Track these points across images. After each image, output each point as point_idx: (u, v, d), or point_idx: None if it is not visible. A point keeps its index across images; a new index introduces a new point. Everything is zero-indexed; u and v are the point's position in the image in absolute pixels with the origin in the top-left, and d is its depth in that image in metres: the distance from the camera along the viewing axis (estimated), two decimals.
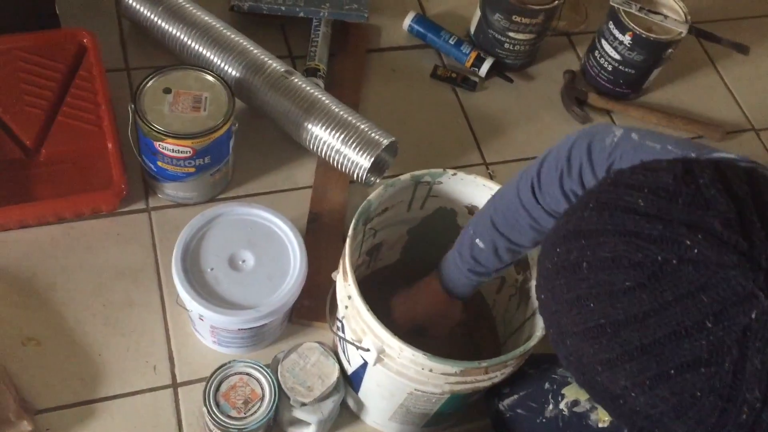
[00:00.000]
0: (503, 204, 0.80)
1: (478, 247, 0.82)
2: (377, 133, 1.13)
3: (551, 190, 0.74)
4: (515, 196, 0.77)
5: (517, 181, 0.78)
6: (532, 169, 0.76)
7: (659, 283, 0.43)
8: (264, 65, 1.16)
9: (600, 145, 0.69)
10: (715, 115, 1.42)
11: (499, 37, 1.33)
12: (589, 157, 0.70)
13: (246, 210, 0.99)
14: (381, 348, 0.79)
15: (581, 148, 0.71)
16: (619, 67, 1.34)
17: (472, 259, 0.83)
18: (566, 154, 0.72)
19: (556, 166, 0.73)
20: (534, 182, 0.75)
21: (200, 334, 1.00)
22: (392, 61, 1.37)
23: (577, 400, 0.85)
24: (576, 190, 0.72)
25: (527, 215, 0.77)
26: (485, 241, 0.81)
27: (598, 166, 0.69)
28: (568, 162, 0.72)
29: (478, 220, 0.83)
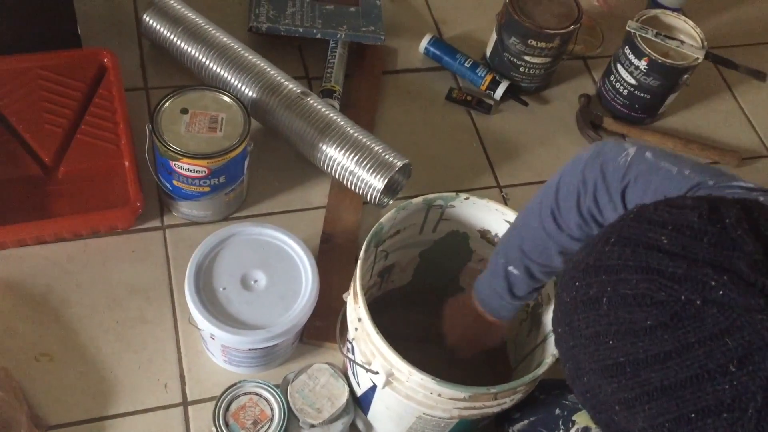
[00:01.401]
0: (529, 234, 0.80)
1: (513, 275, 0.82)
2: (391, 155, 1.13)
3: (571, 216, 0.74)
4: (539, 226, 0.77)
5: (539, 210, 0.77)
6: (550, 197, 0.76)
7: (682, 324, 0.43)
8: (280, 86, 1.18)
9: (613, 165, 0.69)
10: (731, 141, 1.41)
11: (514, 61, 1.34)
12: (603, 177, 0.70)
13: (259, 230, 0.99)
14: (390, 371, 0.79)
15: (594, 168, 0.71)
16: (635, 92, 1.34)
17: (509, 285, 0.83)
18: (580, 176, 0.72)
19: (573, 190, 0.73)
20: (554, 210, 0.75)
21: (211, 353, 1.01)
22: (408, 83, 1.38)
23: (588, 427, 0.85)
24: (592, 209, 0.71)
25: (553, 243, 0.77)
26: (518, 268, 0.82)
27: (612, 186, 0.69)
28: (583, 184, 0.72)
29: (507, 249, 0.83)
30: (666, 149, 0.70)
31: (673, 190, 0.64)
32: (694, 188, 0.63)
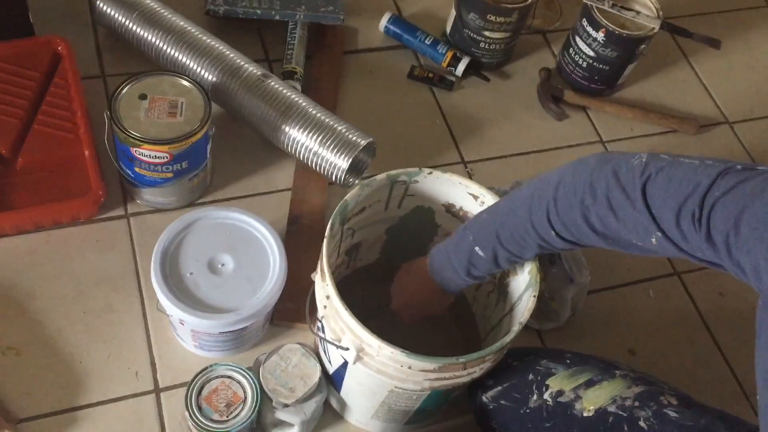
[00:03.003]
0: (512, 221, 0.79)
1: (477, 255, 0.82)
2: (355, 135, 1.13)
3: (570, 215, 0.73)
4: (527, 217, 0.77)
5: (530, 203, 0.77)
6: (547, 193, 0.75)
7: None
8: (240, 69, 1.16)
9: (626, 166, 0.69)
10: (689, 109, 1.44)
11: (474, 37, 1.34)
12: (617, 180, 0.69)
13: (224, 214, 0.99)
14: (360, 346, 0.80)
15: (605, 173, 0.70)
16: (594, 64, 1.35)
17: (469, 263, 0.84)
18: (587, 181, 0.71)
19: (575, 192, 0.72)
20: (550, 207, 0.75)
21: (182, 339, 1.01)
22: (369, 62, 1.38)
23: (561, 390, 0.86)
24: (603, 213, 0.70)
25: (537, 236, 0.77)
26: (486, 250, 0.82)
27: (629, 184, 0.68)
28: (591, 189, 0.71)
29: (480, 229, 0.83)
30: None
31: (701, 177, 0.64)
32: (722, 173, 0.63)
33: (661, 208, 0.66)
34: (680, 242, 0.67)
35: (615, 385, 0.85)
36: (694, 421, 0.82)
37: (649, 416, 0.82)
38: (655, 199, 0.67)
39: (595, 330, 1.14)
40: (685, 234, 0.65)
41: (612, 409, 0.83)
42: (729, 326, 1.19)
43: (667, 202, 0.66)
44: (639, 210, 0.68)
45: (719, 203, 0.62)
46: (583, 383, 0.86)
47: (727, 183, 0.63)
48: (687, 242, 0.66)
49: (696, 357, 1.16)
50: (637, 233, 0.69)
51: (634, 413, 0.82)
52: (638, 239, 0.70)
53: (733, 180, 0.63)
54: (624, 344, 1.14)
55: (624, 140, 1.36)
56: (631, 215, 0.68)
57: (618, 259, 1.21)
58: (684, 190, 0.65)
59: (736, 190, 0.62)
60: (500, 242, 0.80)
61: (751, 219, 0.60)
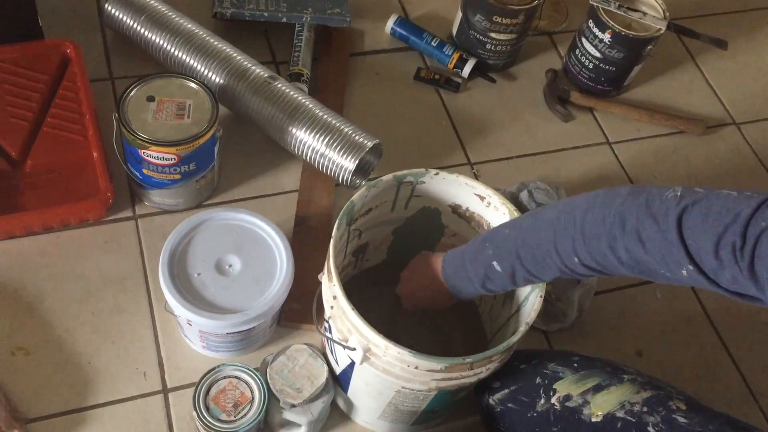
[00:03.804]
0: (535, 242, 0.78)
1: (494, 269, 0.82)
2: (361, 136, 1.13)
3: (597, 245, 0.72)
4: (551, 240, 0.76)
5: (556, 227, 0.76)
6: (575, 222, 0.74)
7: None
8: (247, 71, 1.17)
9: (659, 199, 0.68)
10: (696, 110, 1.43)
11: (480, 38, 1.35)
12: (648, 212, 0.68)
13: (232, 215, 0.99)
14: (367, 346, 0.80)
15: (637, 204, 0.70)
16: (600, 65, 1.35)
17: (485, 276, 0.83)
18: (618, 211, 0.71)
19: (603, 222, 0.71)
20: (576, 234, 0.74)
21: (189, 340, 1.01)
22: (375, 64, 1.38)
23: (569, 395, 0.86)
24: (631, 245, 0.70)
25: (560, 261, 0.76)
26: (504, 266, 0.81)
27: (661, 218, 0.67)
28: (621, 220, 0.70)
29: (500, 245, 0.82)
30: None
31: (741, 206, 0.63)
32: (764, 201, 0.63)
33: (698, 239, 0.65)
34: (715, 274, 0.65)
35: (623, 390, 0.85)
36: (702, 426, 0.81)
37: (658, 422, 0.82)
38: (691, 230, 0.65)
39: (602, 331, 1.14)
40: (724, 265, 0.63)
41: (620, 414, 0.83)
42: (737, 327, 1.18)
43: (706, 233, 0.64)
44: (671, 242, 0.66)
45: (766, 233, 0.61)
46: (590, 388, 0.86)
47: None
48: (722, 274, 0.64)
49: (703, 358, 1.15)
50: (667, 265, 0.68)
51: (642, 419, 0.82)
52: (667, 271, 0.69)
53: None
54: (631, 345, 1.14)
55: (630, 141, 1.36)
56: (662, 247, 0.67)
57: None
58: (724, 220, 0.63)
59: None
60: (520, 260, 0.79)
61: None
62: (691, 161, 1.36)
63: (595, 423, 0.83)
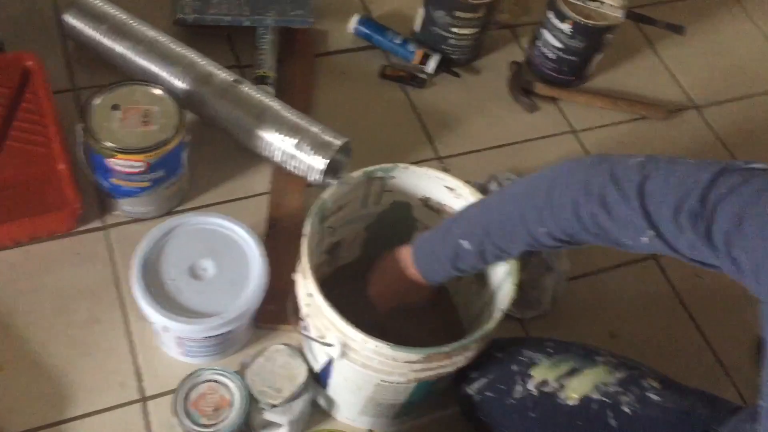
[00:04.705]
0: (502, 216, 0.80)
1: (463, 248, 0.82)
2: (330, 135, 1.14)
3: (563, 213, 0.74)
4: (518, 214, 0.77)
5: (523, 201, 0.77)
6: (540, 193, 0.76)
7: None
8: (212, 76, 1.17)
9: (622, 167, 0.70)
10: (657, 95, 1.46)
11: (443, 34, 1.36)
12: (612, 179, 0.70)
13: (203, 219, 0.99)
14: (344, 342, 0.80)
15: (600, 173, 0.71)
16: (562, 55, 1.37)
17: (455, 256, 0.84)
18: (582, 179, 0.72)
19: (569, 190, 0.73)
20: (542, 204, 0.75)
21: (166, 347, 1.01)
22: (341, 64, 1.39)
23: (545, 380, 0.87)
24: (595, 211, 0.71)
25: (527, 233, 0.77)
26: (473, 243, 0.82)
27: (625, 184, 0.69)
28: (585, 187, 0.71)
29: (467, 223, 0.83)
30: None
31: (701, 174, 0.65)
32: (723, 171, 0.64)
33: (658, 205, 0.67)
34: (674, 240, 0.67)
35: (597, 372, 0.86)
36: (675, 403, 0.83)
37: (632, 401, 0.83)
38: (652, 196, 0.67)
39: (577, 316, 1.16)
40: (683, 230, 0.65)
41: (596, 396, 0.85)
42: (706, 306, 1.21)
43: (666, 199, 0.66)
44: (633, 208, 0.68)
45: (723, 201, 0.63)
46: (566, 372, 0.87)
47: (729, 181, 0.63)
48: (682, 240, 0.66)
49: (675, 336, 1.18)
50: (628, 232, 0.70)
51: (617, 399, 0.84)
52: (629, 238, 0.70)
53: (735, 178, 0.63)
54: (605, 328, 1.16)
55: (595, 129, 1.38)
56: (624, 213, 0.69)
57: (595, 246, 1.22)
58: (683, 187, 0.65)
59: (740, 188, 0.62)
60: (488, 236, 0.80)
61: (756, 218, 0.60)
62: (655, 146, 1.39)
63: (572, 406, 0.85)
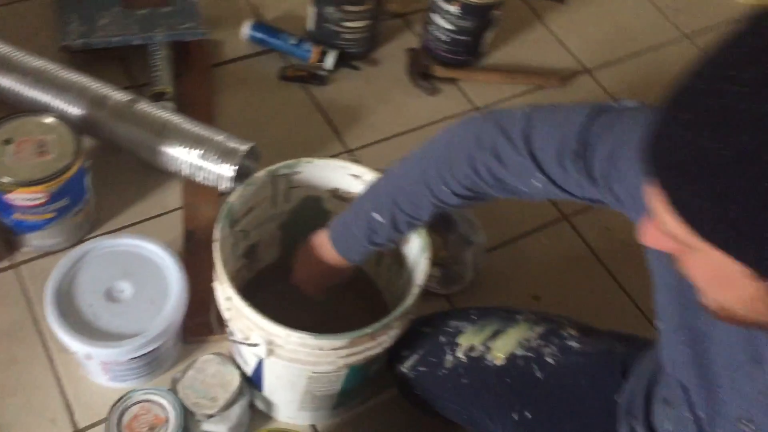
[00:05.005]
0: (406, 183, 0.82)
1: (376, 221, 0.84)
2: (235, 142, 1.14)
3: (460, 168, 0.76)
4: (420, 177, 0.80)
5: (423, 164, 0.80)
6: (438, 153, 0.78)
7: None
8: (107, 98, 1.15)
9: (509, 118, 0.74)
10: (550, 64, 1.52)
11: (336, 29, 1.38)
12: (501, 130, 0.73)
13: (113, 242, 0.98)
14: (269, 339, 0.81)
15: (490, 126, 0.75)
16: (455, 36, 1.41)
17: (369, 230, 0.85)
18: (474, 135, 0.75)
19: (463, 146, 0.76)
20: (441, 164, 0.78)
21: (94, 375, 0.99)
22: (239, 71, 1.38)
23: (472, 346, 0.90)
24: (489, 162, 0.74)
25: (431, 194, 0.80)
26: (384, 215, 0.83)
27: (513, 133, 0.73)
28: (477, 141, 0.75)
29: (376, 195, 0.85)
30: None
31: (577, 116, 0.69)
32: (597, 110, 0.69)
33: (543, 149, 0.71)
34: (563, 182, 0.71)
35: (519, 330, 0.90)
36: (594, 347, 0.87)
37: (554, 351, 0.87)
38: (537, 142, 0.71)
39: (500, 284, 1.19)
40: (568, 171, 0.69)
41: (520, 352, 0.88)
42: (620, 257, 1.26)
43: (549, 143, 0.70)
44: (522, 155, 0.72)
45: (599, 140, 0.67)
46: (490, 335, 0.90)
47: (603, 121, 0.68)
48: (569, 181, 0.70)
49: (596, 291, 1.23)
50: (522, 178, 0.73)
51: (540, 351, 0.87)
52: (523, 184, 0.74)
53: (608, 118, 0.68)
54: (528, 292, 1.20)
55: (496, 104, 1.42)
56: (515, 160, 0.73)
57: (508, 214, 1.26)
58: (562, 129, 0.70)
59: (612, 127, 0.67)
60: (397, 205, 0.82)
61: (628, 153, 0.64)
62: None
63: (499, 366, 0.87)
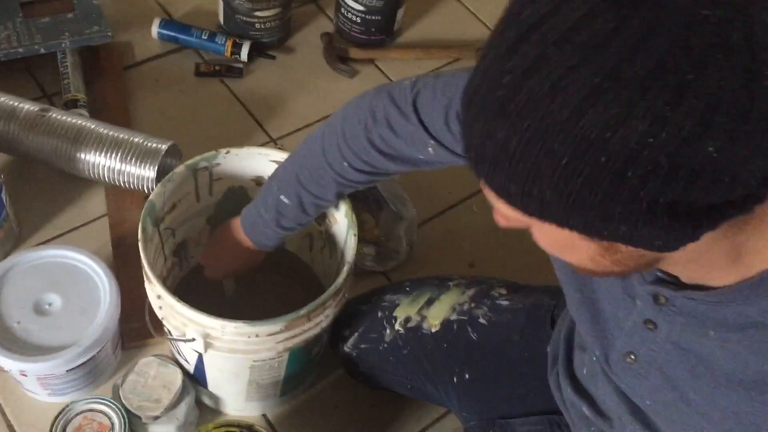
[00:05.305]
0: (309, 162, 0.82)
1: (283, 203, 0.84)
2: (154, 142, 1.12)
3: (357, 143, 0.77)
4: (321, 155, 0.80)
5: (322, 141, 0.81)
6: (335, 129, 0.79)
7: None
8: (16, 110, 1.12)
9: (398, 89, 0.75)
10: (465, 37, 1.54)
11: (248, 20, 1.37)
12: (392, 101, 0.75)
13: (37, 254, 0.96)
14: (204, 333, 0.81)
15: (381, 97, 0.76)
16: (367, 17, 1.41)
17: (277, 213, 0.85)
18: (367, 108, 0.77)
19: (359, 120, 0.77)
20: (339, 141, 0.78)
21: (33, 392, 0.97)
22: (153, 71, 1.36)
23: (408, 316, 0.92)
24: (383, 133, 0.75)
25: (333, 172, 0.80)
26: (290, 196, 0.83)
27: (402, 103, 0.74)
28: (371, 114, 0.76)
29: (282, 177, 0.85)
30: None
31: (461, 79, 0.68)
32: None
33: (431, 116, 0.72)
34: (452, 145, 0.72)
35: (451, 295, 0.92)
36: (523, 302, 0.90)
37: (486, 312, 0.89)
38: (425, 108, 0.73)
39: (435, 255, 1.21)
40: (457, 137, 0.71)
41: (454, 317, 0.90)
42: None
43: (436, 109, 0.72)
44: (413, 123, 0.73)
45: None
46: (424, 303, 0.92)
47: None
48: (457, 143, 0.72)
49: (530, 250, 1.25)
50: (416, 146, 0.75)
51: (473, 313, 0.89)
52: (419, 152, 0.75)
53: None
54: (464, 260, 1.22)
55: None
56: (408, 129, 0.74)
57: (437, 187, 1.28)
58: (447, 94, 0.71)
59: None
60: (302, 185, 0.83)
61: None
62: None
63: (435, 332, 0.89)
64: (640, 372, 0.62)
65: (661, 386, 0.60)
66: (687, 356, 0.57)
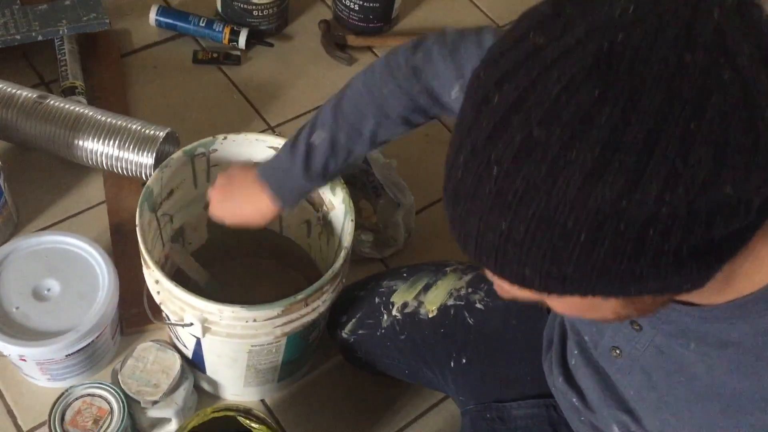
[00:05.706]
0: (353, 93, 0.80)
1: (314, 145, 0.80)
2: (151, 129, 1.12)
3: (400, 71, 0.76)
4: (366, 92, 0.79)
5: (362, 77, 0.80)
6: (379, 64, 0.79)
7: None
8: (14, 97, 1.12)
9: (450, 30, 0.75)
10: (462, 24, 1.52)
11: (245, 7, 1.36)
12: (438, 37, 0.75)
13: (36, 240, 0.96)
14: (203, 317, 0.81)
15: (432, 37, 0.76)
16: (365, 4, 1.41)
17: (306, 155, 0.81)
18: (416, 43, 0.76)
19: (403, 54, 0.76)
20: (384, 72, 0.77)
21: (32, 377, 0.97)
22: (151, 58, 1.36)
23: (405, 302, 0.92)
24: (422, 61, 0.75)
25: (372, 102, 0.78)
26: (325, 131, 0.80)
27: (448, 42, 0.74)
28: (418, 43, 0.76)
29: (318, 117, 0.82)
30: None
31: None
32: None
33: (467, 64, 0.72)
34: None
35: (448, 281, 0.92)
36: None
37: (482, 297, 0.89)
38: (464, 55, 0.72)
39: (433, 242, 1.22)
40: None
41: (451, 302, 0.90)
42: None
43: (471, 60, 0.71)
44: (449, 62, 0.73)
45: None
46: (421, 289, 0.92)
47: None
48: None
49: None
50: (441, 82, 0.74)
51: (470, 299, 0.90)
52: (441, 88, 0.74)
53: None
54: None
55: None
56: (442, 66, 0.73)
57: (435, 174, 1.28)
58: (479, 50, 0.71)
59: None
60: (343, 116, 0.79)
61: None
62: None
63: (432, 318, 0.90)
64: (624, 367, 0.63)
65: (642, 384, 0.61)
66: (667, 362, 0.57)
